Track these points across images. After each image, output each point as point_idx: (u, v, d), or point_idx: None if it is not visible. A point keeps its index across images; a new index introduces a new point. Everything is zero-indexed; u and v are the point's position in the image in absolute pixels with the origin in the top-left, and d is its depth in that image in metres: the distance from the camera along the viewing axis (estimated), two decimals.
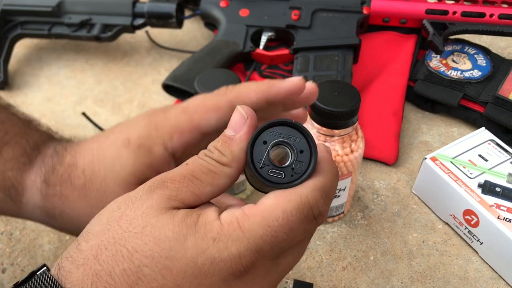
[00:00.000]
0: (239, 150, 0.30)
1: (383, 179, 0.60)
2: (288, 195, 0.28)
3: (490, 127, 0.61)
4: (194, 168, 0.29)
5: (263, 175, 0.29)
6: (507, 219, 0.49)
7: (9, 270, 0.53)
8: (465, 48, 0.70)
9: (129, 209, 0.28)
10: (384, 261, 0.52)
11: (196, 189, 0.29)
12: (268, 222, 0.27)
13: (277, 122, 0.29)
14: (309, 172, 0.29)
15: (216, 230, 0.27)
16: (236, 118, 0.30)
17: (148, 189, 0.29)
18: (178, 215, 0.28)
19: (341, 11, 0.70)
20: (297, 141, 0.29)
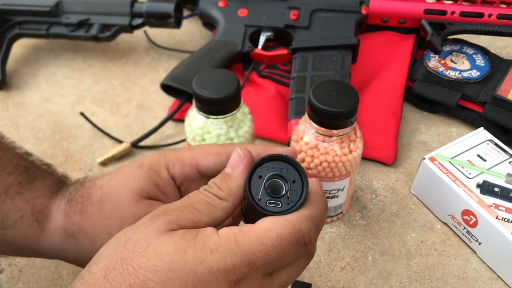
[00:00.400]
0: (236, 186, 0.33)
1: (381, 179, 0.60)
2: (283, 221, 0.31)
3: (489, 127, 0.61)
4: (193, 200, 0.33)
5: (262, 206, 0.32)
6: (505, 219, 0.49)
7: (6, 271, 0.53)
8: (463, 48, 0.70)
9: (134, 234, 0.31)
10: (383, 261, 0.52)
11: (195, 217, 0.32)
12: (262, 241, 0.30)
13: (270, 157, 0.33)
14: (302, 199, 0.32)
15: (214, 242, 0.30)
16: (234, 157, 0.34)
17: (151, 216, 0.32)
18: (177, 233, 0.31)
19: (339, 11, 0.70)
20: (289, 173, 0.33)
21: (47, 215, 0.41)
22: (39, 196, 0.41)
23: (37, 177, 0.43)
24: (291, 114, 0.62)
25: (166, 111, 0.70)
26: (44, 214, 0.41)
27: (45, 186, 0.42)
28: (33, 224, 0.41)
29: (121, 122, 0.69)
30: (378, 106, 0.65)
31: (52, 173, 0.45)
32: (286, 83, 0.69)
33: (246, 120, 0.52)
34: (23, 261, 0.53)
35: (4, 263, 0.53)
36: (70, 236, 0.41)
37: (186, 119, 0.52)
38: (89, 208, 0.41)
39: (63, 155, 0.65)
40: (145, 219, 0.32)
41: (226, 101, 0.48)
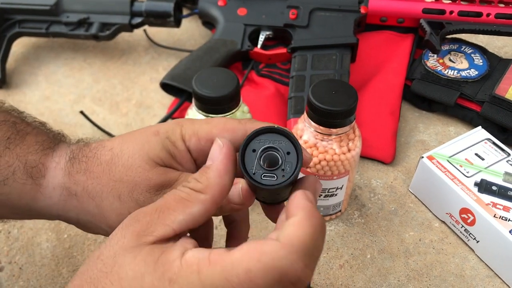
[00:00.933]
0: (215, 177, 0.30)
1: (380, 178, 0.60)
2: (259, 253, 0.26)
3: (487, 126, 0.61)
4: (168, 198, 0.30)
5: (257, 180, 0.31)
6: (503, 217, 0.49)
7: (7, 269, 0.53)
8: (462, 47, 0.71)
9: (106, 248, 0.30)
10: (381, 259, 0.52)
11: (167, 219, 0.29)
12: (228, 276, 0.26)
13: (262, 130, 0.31)
14: (297, 169, 0.31)
15: (174, 271, 0.27)
16: (214, 148, 0.31)
17: (123, 226, 0.30)
18: (142, 253, 0.28)
19: (338, 10, 0.70)
20: (282, 144, 0.31)
21: (42, 171, 0.38)
22: (32, 152, 0.39)
23: (28, 133, 0.40)
24: (290, 113, 0.63)
25: (165, 109, 0.70)
26: (39, 170, 0.38)
27: (38, 141, 0.39)
28: (27, 181, 0.38)
29: (121, 120, 0.69)
30: (376, 105, 0.66)
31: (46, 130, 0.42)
32: (285, 82, 0.70)
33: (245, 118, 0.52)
34: (23, 259, 0.53)
35: (5, 261, 0.53)
36: (72, 196, 0.38)
37: (186, 117, 0.52)
38: (95, 169, 0.38)
39: None
40: (118, 229, 0.30)
41: (226, 100, 0.48)
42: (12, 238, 0.55)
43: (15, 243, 0.55)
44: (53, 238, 0.55)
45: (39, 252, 0.54)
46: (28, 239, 0.55)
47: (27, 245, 0.55)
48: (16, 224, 0.57)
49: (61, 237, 0.55)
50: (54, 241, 0.55)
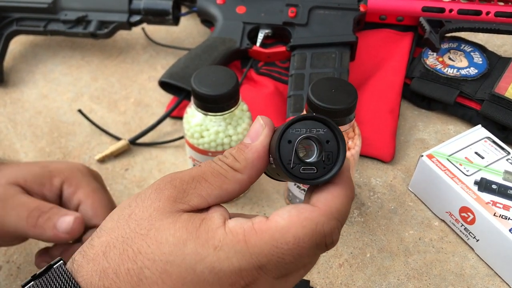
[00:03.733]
0: (254, 158, 0.30)
1: (379, 177, 0.60)
2: (303, 220, 0.27)
3: (486, 125, 0.61)
4: (205, 170, 0.30)
5: (296, 175, 0.28)
6: (503, 216, 0.49)
7: (4, 268, 0.52)
8: (461, 45, 0.70)
9: (138, 208, 0.29)
10: (381, 258, 0.52)
11: (203, 191, 0.29)
12: (277, 243, 0.27)
13: (298, 118, 0.29)
14: (340, 161, 0.28)
15: (219, 238, 0.27)
16: (255, 127, 0.31)
17: (157, 187, 0.29)
18: (181, 219, 0.28)
19: (338, 9, 0.70)
20: (321, 133, 0.29)
21: None
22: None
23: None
24: (290, 111, 0.62)
25: (164, 108, 0.70)
26: None
27: None
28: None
29: (119, 119, 0.69)
30: (376, 103, 0.65)
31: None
32: (284, 80, 0.69)
33: (244, 117, 0.52)
34: (21, 258, 0.53)
35: (2, 261, 0.53)
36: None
37: (185, 116, 0.52)
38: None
39: (61, 152, 0.65)
40: (150, 189, 0.30)
41: (225, 98, 0.48)
42: None
43: None
44: None
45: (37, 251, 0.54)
46: None
47: (25, 244, 0.55)
48: None
49: None
50: None
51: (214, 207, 0.30)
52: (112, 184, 0.60)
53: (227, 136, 0.50)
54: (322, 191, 0.29)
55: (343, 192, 0.29)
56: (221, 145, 0.51)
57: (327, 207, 0.28)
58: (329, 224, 0.27)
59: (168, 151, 0.64)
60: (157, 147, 0.65)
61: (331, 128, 0.29)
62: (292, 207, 0.28)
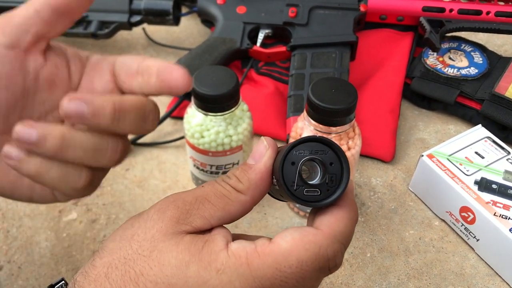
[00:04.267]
0: (257, 179, 0.30)
1: (379, 176, 0.60)
2: (306, 243, 0.27)
3: (487, 125, 0.61)
4: (208, 191, 0.30)
5: (300, 197, 0.28)
6: (503, 216, 0.49)
7: (6, 268, 0.53)
8: (461, 45, 0.71)
9: (141, 229, 0.29)
10: (381, 258, 0.52)
11: (206, 212, 0.29)
12: (280, 267, 0.26)
13: (302, 140, 0.29)
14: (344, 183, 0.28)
15: (221, 261, 0.27)
16: (258, 147, 0.31)
17: (159, 208, 0.29)
18: (184, 241, 0.28)
19: (338, 9, 0.70)
20: (324, 155, 0.29)
21: None
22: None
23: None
24: (290, 111, 0.63)
25: (164, 108, 0.70)
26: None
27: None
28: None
29: None
30: (376, 103, 0.65)
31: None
32: (284, 80, 0.69)
33: (245, 117, 0.52)
34: (22, 258, 0.53)
35: (3, 260, 0.53)
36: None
37: (185, 116, 0.52)
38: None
39: None
40: (153, 211, 0.30)
41: (225, 98, 0.48)
42: (11, 237, 0.55)
43: (14, 242, 0.55)
44: (52, 237, 0.55)
45: (38, 251, 0.54)
46: (27, 238, 0.55)
47: (26, 244, 0.55)
48: (15, 223, 0.57)
49: (60, 236, 0.55)
50: (53, 240, 0.55)
51: (217, 229, 0.29)
52: (113, 184, 0.60)
53: (227, 136, 0.50)
54: (326, 214, 0.29)
55: (346, 214, 0.29)
56: (222, 145, 0.51)
57: (330, 230, 0.28)
58: (333, 248, 0.27)
59: (169, 151, 0.64)
60: (158, 147, 0.65)
61: (335, 150, 0.29)
62: (295, 229, 0.28)
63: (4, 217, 0.57)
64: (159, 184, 0.60)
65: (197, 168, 0.54)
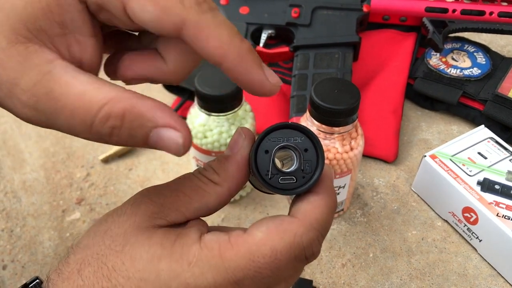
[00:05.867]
0: (234, 170, 0.29)
1: (382, 177, 0.60)
2: (281, 232, 0.26)
3: (490, 125, 0.61)
4: (184, 184, 0.29)
5: (275, 186, 0.28)
6: (506, 216, 0.49)
7: (9, 267, 0.53)
8: (464, 46, 0.70)
9: (114, 224, 0.28)
10: (383, 258, 0.52)
11: (182, 206, 0.28)
12: (253, 257, 0.26)
13: (274, 127, 0.28)
14: (319, 170, 0.28)
15: (193, 254, 0.26)
16: (234, 138, 0.30)
17: (133, 202, 0.29)
18: (156, 235, 0.27)
19: (341, 9, 0.70)
20: (298, 141, 0.28)
21: None
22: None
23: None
24: (293, 111, 0.63)
25: None
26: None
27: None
28: None
29: None
30: (379, 103, 0.65)
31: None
32: (287, 80, 0.69)
33: (247, 117, 0.52)
34: (26, 258, 0.54)
35: (7, 260, 0.53)
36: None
37: (188, 116, 0.52)
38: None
39: (65, 152, 0.65)
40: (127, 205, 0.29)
41: (228, 99, 0.48)
42: (14, 237, 0.56)
43: (18, 241, 0.55)
44: (55, 237, 0.55)
45: (41, 250, 0.54)
46: (30, 237, 0.55)
47: (29, 243, 0.55)
48: (19, 222, 0.57)
49: (64, 235, 0.55)
50: (56, 239, 0.55)
51: (192, 222, 0.29)
52: (116, 184, 0.61)
53: (230, 136, 0.50)
54: (302, 201, 0.28)
55: (323, 201, 0.28)
56: (225, 146, 0.51)
57: (306, 217, 0.27)
58: (308, 235, 0.27)
59: None
60: None
61: (309, 136, 0.28)
62: (270, 219, 0.27)
63: (8, 216, 0.58)
64: None
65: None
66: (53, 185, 0.61)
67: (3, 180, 0.62)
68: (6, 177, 0.62)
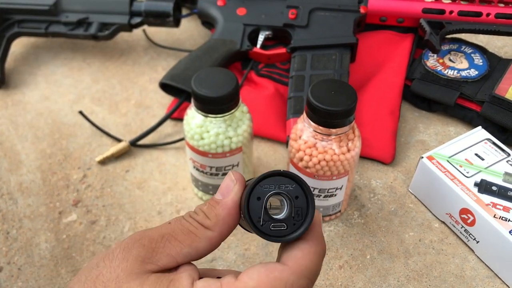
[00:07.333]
0: (224, 215, 0.29)
1: (379, 178, 0.60)
2: (272, 280, 0.27)
3: (487, 126, 0.61)
4: (175, 228, 0.29)
5: (266, 233, 0.28)
6: (503, 218, 0.49)
7: (5, 269, 0.53)
8: (461, 47, 0.71)
9: (106, 269, 0.28)
10: (381, 260, 0.52)
11: (173, 250, 0.29)
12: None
13: (265, 175, 0.29)
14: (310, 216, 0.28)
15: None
16: (226, 182, 0.30)
17: (125, 246, 0.29)
18: (148, 281, 0.27)
19: (338, 10, 0.70)
20: (290, 188, 0.29)
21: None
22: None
23: None
24: (290, 113, 0.63)
25: (165, 110, 0.70)
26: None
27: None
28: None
29: (120, 120, 0.69)
30: (376, 105, 0.65)
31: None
32: (284, 82, 0.69)
33: (244, 119, 0.52)
34: (22, 260, 0.53)
35: (3, 262, 0.53)
36: None
37: (185, 118, 0.52)
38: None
39: (62, 153, 0.65)
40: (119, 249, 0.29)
41: (225, 100, 0.48)
42: (11, 239, 0.55)
43: (14, 243, 0.55)
44: (52, 239, 0.55)
45: (38, 252, 0.54)
46: (27, 239, 0.55)
47: (26, 245, 0.55)
48: (15, 224, 0.57)
49: (60, 237, 0.55)
50: (53, 241, 0.55)
51: (183, 266, 0.29)
52: (113, 186, 0.60)
53: (227, 138, 0.50)
54: (293, 248, 0.28)
55: (313, 249, 0.28)
56: (221, 147, 0.51)
57: (297, 265, 0.27)
58: (299, 284, 0.27)
59: (169, 152, 0.64)
60: (158, 148, 0.65)
61: (300, 184, 0.29)
62: (261, 266, 0.28)
63: (4, 218, 0.57)
64: (159, 186, 0.60)
65: (197, 169, 0.54)
66: (50, 187, 0.61)
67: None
68: (2, 179, 0.62)
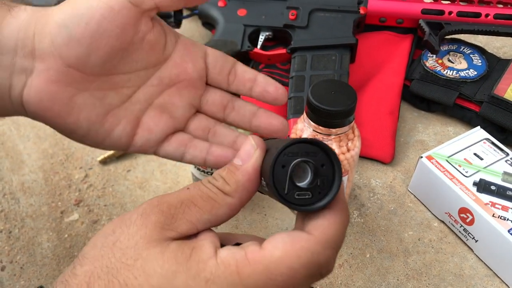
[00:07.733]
0: (244, 181, 0.29)
1: (379, 178, 0.61)
2: (298, 249, 0.26)
3: (486, 126, 0.61)
4: (194, 194, 0.29)
5: (291, 201, 0.27)
6: (502, 217, 0.49)
7: (8, 268, 0.53)
8: (460, 47, 0.71)
9: (123, 235, 0.28)
10: (380, 259, 0.53)
11: (193, 216, 0.28)
12: (271, 275, 0.25)
13: (292, 142, 0.28)
14: (335, 186, 0.28)
15: (210, 270, 0.26)
16: (246, 148, 0.30)
17: (143, 212, 0.28)
18: (170, 249, 0.27)
19: (338, 11, 0.70)
20: (315, 156, 0.28)
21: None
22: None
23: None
24: (290, 113, 0.63)
25: None
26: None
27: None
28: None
29: None
30: (376, 105, 0.66)
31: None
32: (285, 82, 0.70)
33: None
34: (24, 259, 0.54)
35: (6, 261, 0.54)
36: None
37: None
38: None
39: (64, 153, 0.65)
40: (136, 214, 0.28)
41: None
42: (13, 238, 0.56)
43: (16, 242, 0.55)
44: (54, 238, 0.56)
45: (40, 251, 0.54)
46: (29, 238, 0.56)
47: (28, 244, 0.55)
48: (17, 224, 0.57)
49: (62, 236, 0.56)
50: (55, 240, 0.55)
51: (204, 233, 0.29)
52: (114, 185, 0.61)
53: None
54: (318, 218, 0.28)
55: (338, 218, 0.28)
56: None
57: (322, 235, 0.27)
58: (325, 254, 0.26)
59: None
60: None
61: (326, 152, 0.28)
62: (286, 234, 0.27)
63: (6, 217, 0.58)
64: (160, 186, 0.61)
65: (197, 169, 0.55)
66: (52, 187, 0.61)
67: (1, 181, 0.62)
68: (4, 179, 0.62)
